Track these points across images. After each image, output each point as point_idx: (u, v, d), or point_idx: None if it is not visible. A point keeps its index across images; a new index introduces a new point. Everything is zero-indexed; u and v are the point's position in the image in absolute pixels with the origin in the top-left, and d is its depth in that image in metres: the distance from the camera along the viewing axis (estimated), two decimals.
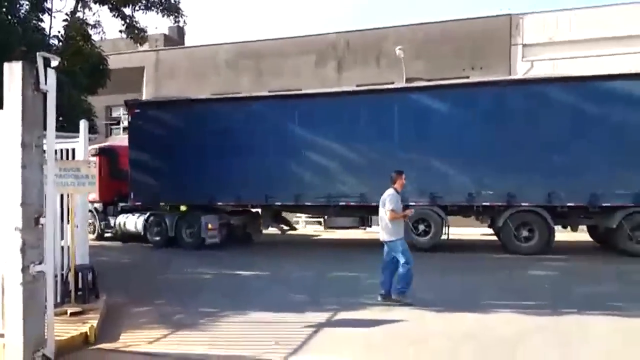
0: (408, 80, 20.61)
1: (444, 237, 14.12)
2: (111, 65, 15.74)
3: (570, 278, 10.55)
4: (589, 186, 12.71)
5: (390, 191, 8.34)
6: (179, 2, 15.75)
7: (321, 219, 17.60)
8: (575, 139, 12.85)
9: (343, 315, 7.52)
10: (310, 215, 19.29)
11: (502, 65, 20.34)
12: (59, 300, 7.38)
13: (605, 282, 9.98)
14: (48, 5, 14.51)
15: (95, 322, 6.53)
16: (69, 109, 13.07)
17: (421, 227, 14.02)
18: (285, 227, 17.18)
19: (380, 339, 6.40)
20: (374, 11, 74.46)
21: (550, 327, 6.86)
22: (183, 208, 15.92)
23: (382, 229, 8.35)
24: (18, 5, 13.23)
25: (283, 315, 7.45)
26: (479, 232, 16.89)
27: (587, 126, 12.78)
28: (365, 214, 15.12)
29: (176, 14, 15.89)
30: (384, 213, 8.22)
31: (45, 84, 5.46)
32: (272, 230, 17.30)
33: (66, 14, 14.75)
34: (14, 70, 5.19)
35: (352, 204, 14.35)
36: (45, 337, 5.34)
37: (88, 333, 6.22)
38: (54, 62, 5.73)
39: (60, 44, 14.31)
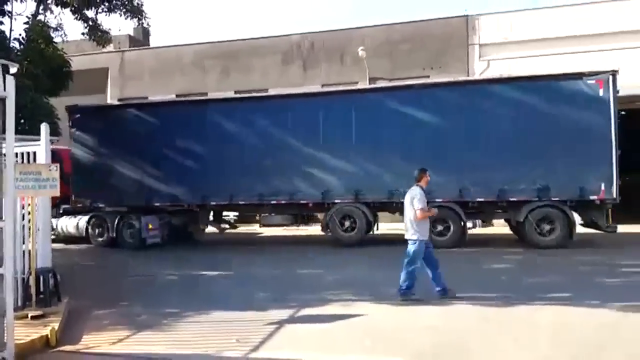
0: (371, 79, 20.93)
1: (376, 231, 15.35)
2: (75, 67, 15.67)
3: (520, 270, 11.05)
4: (497, 182, 13.54)
5: (416, 189, 8.27)
6: (142, 5, 15.84)
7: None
8: (483, 138, 13.77)
9: (305, 311, 7.70)
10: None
11: (460, 65, 20.73)
12: (20, 304, 7.41)
13: (551, 273, 10.43)
14: (8, 8, 14.41)
15: (56, 325, 6.58)
16: (31, 112, 12.99)
17: (347, 224, 14.70)
18: (224, 226, 17.71)
19: (339, 334, 6.60)
20: (338, 13, 75.09)
21: (506, 317, 7.19)
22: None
23: (407, 227, 8.28)
24: None
25: (246, 314, 7.58)
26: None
27: (493, 126, 13.70)
28: (297, 211, 15.94)
29: (139, 16, 15.92)
30: (411, 211, 8.15)
31: (4, 90, 5.54)
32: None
33: (27, 17, 14.65)
34: None
35: (282, 202, 15.02)
36: (5, 340, 5.41)
37: (49, 336, 6.27)
38: (13, 69, 5.79)
39: (22, 46, 14.20)
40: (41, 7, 14.87)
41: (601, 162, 12.96)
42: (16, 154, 8.34)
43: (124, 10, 15.64)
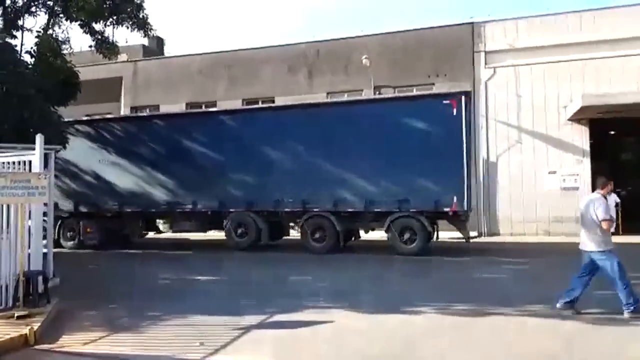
0: (376, 87, 21.18)
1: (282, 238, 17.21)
2: (90, 76, 16.38)
3: (513, 280, 11.15)
4: (364, 195, 14.74)
5: (600, 199, 7.58)
6: (147, 18, 16.30)
7: None
8: (350, 155, 14.75)
9: (278, 317, 7.96)
10: None
11: (466, 72, 20.82)
12: (10, 304, 7.91)
13: (540, 283, 10.46)
14: (20, 22, 15.10)
15: (37, 325, 6.99)
16: (40, 122, 13.55)
17: (240, 230, 15.96)
18: (145, 232, 19.23)
19: (301, 339, 6.91)
20: (342, 22, 75.82)
21: (467, 326, 7.44)
22: None
23: (587, 239, 7.63)
24: None
25: (222, 318, 7.85)
26: None
27: (360, 142, 14.75)
28: (201, 219, 17.23)
29: (145, 29, 16.44)
30: (593, 221, 7.49)
31: None
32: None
33: (37, 30, 15.29)
34: None
35: (187, 210, 16.77)
36: None
37: (28, 335, 6.68)
38: None
39: (33, 59, 14.82)
40: (51, 21, 15.49)
41: (453, 176, 13.96)
42: (14, 162, 8.99)
43: (131, 22, 16.19)
